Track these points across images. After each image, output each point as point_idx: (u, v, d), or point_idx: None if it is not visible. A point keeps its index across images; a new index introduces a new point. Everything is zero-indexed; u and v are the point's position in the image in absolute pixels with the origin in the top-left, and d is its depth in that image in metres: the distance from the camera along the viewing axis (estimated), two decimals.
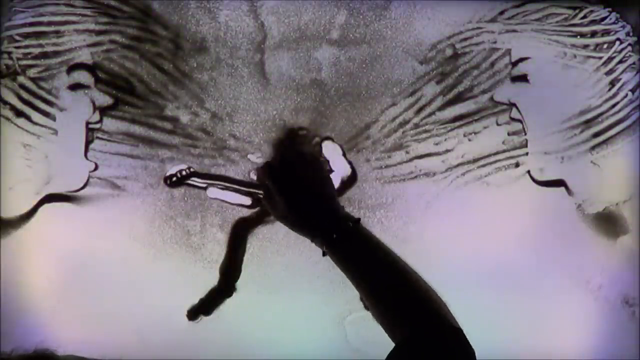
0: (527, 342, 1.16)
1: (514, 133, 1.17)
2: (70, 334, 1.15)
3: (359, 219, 0.74)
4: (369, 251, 0.72)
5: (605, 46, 1.16)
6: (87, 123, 1.14)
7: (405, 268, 0.73)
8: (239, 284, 1.16)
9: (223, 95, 1.16)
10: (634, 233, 1.16)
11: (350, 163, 1.16)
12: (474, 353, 0.64)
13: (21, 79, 1.13)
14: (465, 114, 1.17)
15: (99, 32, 1.14)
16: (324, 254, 0.73)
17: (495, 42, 1.16)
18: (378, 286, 0.71)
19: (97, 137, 1.15)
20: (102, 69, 1.14)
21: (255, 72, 1.16)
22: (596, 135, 1.16)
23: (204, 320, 1.16)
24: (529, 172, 1.17)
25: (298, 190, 0.74)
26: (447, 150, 1.17)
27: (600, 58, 1.15)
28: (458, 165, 1.17)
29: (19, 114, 1.13)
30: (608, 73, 1.15)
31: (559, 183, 1.17)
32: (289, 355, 1.14)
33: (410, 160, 1.17)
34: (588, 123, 1.16)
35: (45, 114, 1.14)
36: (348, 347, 1.16)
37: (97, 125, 1.15)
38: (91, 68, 1.14)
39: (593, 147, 1.16)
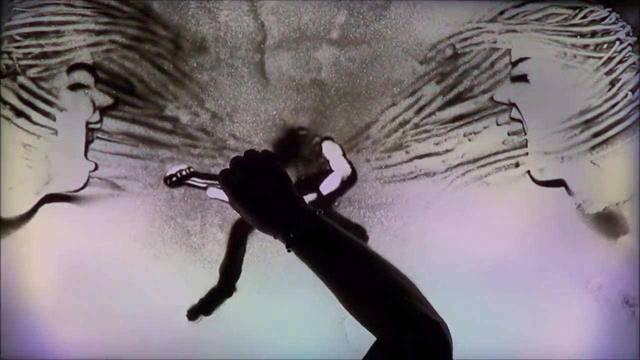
0: (527, 342, 1.16)
1: (514, 133, 1.17)
2: (70, 334, 1.15)
3: (314, 212, 0.72)
4: (329, 246, 0.71)
5: (605, 46, 1.16)
6: (87, 123, 1.15)
7: (371, 259, 0.71)
8: (239, 284, 1.16)
9: (223, 95, 1.16)
10: (634, 233, 1.16)
11: (350, 163, 1.16)
12: (450, 344, 0.63)
13: (21, 79, 1.13)
14: (465, 114, 1.17)
15: (99, 32, 1.14)
16: (288, 250, 0.73)
17: (495, 42, 1.16)
18: (342, 281, 0.70)
19: (97, 137, 1.15)
20: (102, 69, 1.14)
21: (255, 72, 1.16)
22: (596, 135, 1.16)
23: (204, 320, 1.16)
24: (529, 172, 1.17)
25: (251, 193, 0.73)
26: (447, 150, 1.17)
27: (600, 58, 1.15)
28: (458, 165, 1.17)
29: (19, 114, 1.13)
30: (608, 73, 1.15)
31: (559, 183, 1.17)
32: (289, 355, 1.14)
33: (410, 160, 1.17)
34: (588, 123, 1.16)
35: (45, 114, 1.14)
36: (348, 347, 1.16)
37: (97, 125, 1.15)
38: (91, 68, 1.14)
39: (593, 147, 1.16)
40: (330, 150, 1.16)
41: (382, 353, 0.62)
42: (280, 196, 0.74)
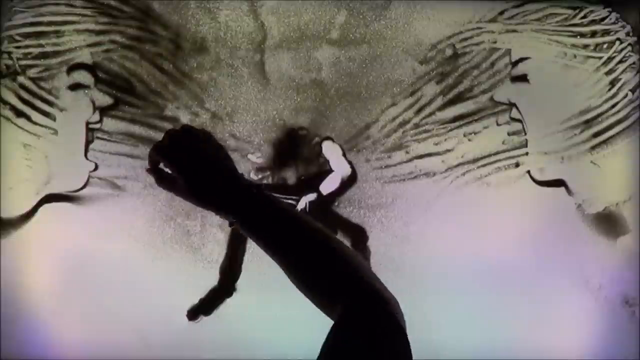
0: (528, 341, 1.16)
1: (514, 133, 1.17)
2: (71, 334, 1.15)
3: (259, 186, 0.72)
4: (275, 220, 0.70)
5: (605, 46, 1.16)
6: (87, 123, 1.14)
7: (322, 236, 0.71)
8: (239, 284, 1.16)
9: (223, 95, 1.16)
10: (634, 233, 1.16)
11: (350, 163, 1.16)
12: (403, 325, 0.62)
13: (21, 79, 1.13)
14: (465, 114, 1.17)
15: (99, 32, 1.14)
16: (230, 225, 0.72)
17: (495, 42, 1.16)
18: (291, 256, 0.69)
19: (97, 137, 1.15)
20: (102, 69, 1.14)
21: (255, 72, 1.16)
22: (596, 135, 1.16)
23: (204, 320, 1.16)
24: (529, 172, 1.17)
25: (194, 166, 0.72)
26: (447, 150, 1.17)
27: (600, 58, 1.15)
28: (458, 165, 1.17)
29: (19, 114, 1.13)
30: (608, 73, 1.15)
31: (559, 183, 1.16)
32: (289, 355, 1.14)
33: (410, 160, 1.17)
34: (588, 123, 1.16)
35: (45, 114, 1.14)
36: None
37: (97, 125, 1.15)
38: (91, 68, 1.14)
39: (593, 147, 1.16)
40: (330, 150, 1.16)
41: (340, 336, 0.62)
42: (222, 172, 0.73)
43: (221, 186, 0.72)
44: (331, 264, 0.67)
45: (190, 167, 0.72)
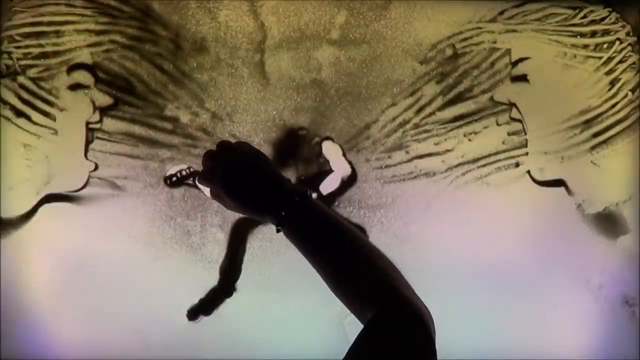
0: (527, 342, 1.16)
1: (514, 133, 1.17)
2: (70, 334, 1.15)
3: (306, 191, 0.72)
4: (320, 225, 0.70)
5: (605, 46, 1.16)
6: (87, 123, 1.15)
7: (360, 241, 0.70)
8: (239, 284, 1.16)
9: (223, 95, 1.16)
10: (634, 233, 1.16)
11: (350, 163, 1.16)
12: (433, 335, 0.63)
13: (21, 79, 1.13)
14: (465, 114, 1.17)
15: (99, 32, 1.14)
16: (277, 231, 0.71)
17: (495, 42, 1.16)
18: (332, 261, 0.69)
19: (97, 137, 1.15)
20: (102, 69, 1.14)
21: (255, 72, 1.16)
22: (596, 135, 1.16)
23: (204, 320, 1.16)
24: (529, 172, 1.17)
25: (238, 180, 0.72)
26: (447, 150, 1.17)
27: (600, 58, 1.15)
28: (458, 165, 1.17)
29: (19, 114, 1.13)
30: (608, 73, 1.15)
31: (559, 183, 1.17)
32: (289, 355, 1.14)
33: (410, 160, 1.17)
34: (588, 123, 1.16)
35: (45, 114, 1.14)
36: (348, 347, 1.16)
37: (97, 125, 1.15)
38: (91, 68, 1.14)
39: (593, 147, 1.16)
40: (330, 150, 1.16)
41: (369, 341, 0.62)
42: (267, 177, 0.73)
43: (263, 195, 0.72)
44: (369, 272, 0.68)
45: (237, 180, 0.73)
